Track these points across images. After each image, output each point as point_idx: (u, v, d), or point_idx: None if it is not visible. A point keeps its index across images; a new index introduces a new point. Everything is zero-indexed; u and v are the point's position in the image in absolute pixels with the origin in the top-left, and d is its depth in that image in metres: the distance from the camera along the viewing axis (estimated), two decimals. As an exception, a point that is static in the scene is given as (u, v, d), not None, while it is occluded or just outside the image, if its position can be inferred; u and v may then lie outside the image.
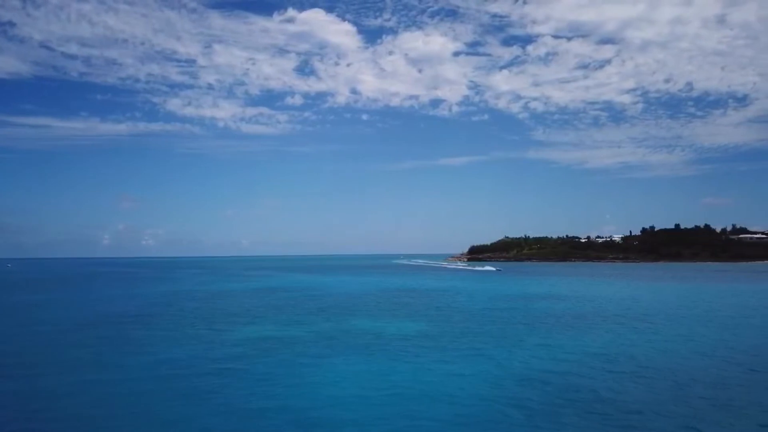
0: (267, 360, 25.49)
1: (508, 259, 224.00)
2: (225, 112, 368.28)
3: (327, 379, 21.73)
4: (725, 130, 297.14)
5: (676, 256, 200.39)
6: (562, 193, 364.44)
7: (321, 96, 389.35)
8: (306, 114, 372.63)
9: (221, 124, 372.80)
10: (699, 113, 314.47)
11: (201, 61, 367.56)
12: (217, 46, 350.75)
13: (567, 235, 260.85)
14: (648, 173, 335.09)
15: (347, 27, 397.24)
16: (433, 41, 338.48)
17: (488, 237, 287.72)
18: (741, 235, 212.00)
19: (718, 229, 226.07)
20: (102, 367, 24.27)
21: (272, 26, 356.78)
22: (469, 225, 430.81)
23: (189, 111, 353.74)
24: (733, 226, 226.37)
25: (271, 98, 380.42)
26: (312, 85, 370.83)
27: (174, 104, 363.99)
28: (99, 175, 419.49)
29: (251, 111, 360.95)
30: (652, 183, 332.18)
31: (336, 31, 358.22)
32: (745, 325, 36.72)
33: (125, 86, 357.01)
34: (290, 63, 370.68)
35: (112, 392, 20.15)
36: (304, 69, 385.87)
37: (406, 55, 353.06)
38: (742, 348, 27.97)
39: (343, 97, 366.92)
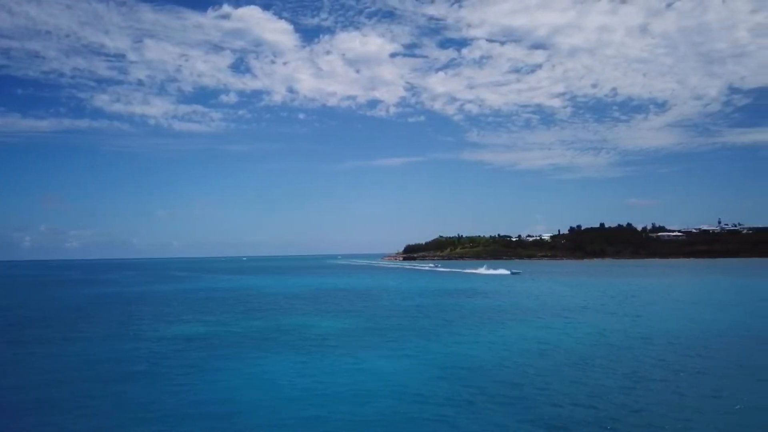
0: (186, 360, 25.09)
1: (442, 258, 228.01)
2: (156, 109, 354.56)
3: (246, 378, 21.67)
4: (647, 134, 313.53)
5: (600, 254, 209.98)
6: (495, 193, 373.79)
7: (257, 94, 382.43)
8: (241, 112, 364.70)
9: (152, 121, 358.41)
10: (623, 117, 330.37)
11: (131, 56, 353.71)
12: (148, 41, 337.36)
13: (499, 234, 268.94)
14: (576, 174, 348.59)
15: (284, 25, 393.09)
16: (371, 42, 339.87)
17: (425, 236, 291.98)
18: (659, 234, 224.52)
19: (640, 228, 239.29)
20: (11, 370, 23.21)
21: (206, 22, 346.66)
22: (407, 224, 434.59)
23: (118, 108, 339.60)
24: (653, 225, 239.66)
25: (204, 96, 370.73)
26: (247, 83, 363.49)
27: (102, 100, 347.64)
28: (19, 173, 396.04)
29: (184, 108, 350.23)
30: (580, 184, 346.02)
31: (272, 29, 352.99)
32: (647, 315, 39.21)
33: (48, 80, 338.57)
34: (225, 60, 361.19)
35: (25, 397, 19.35)
36: (240, 66, 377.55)
37: (343, 55, 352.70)
38: (641, 334, 29.90)
39: (279, 96, 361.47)
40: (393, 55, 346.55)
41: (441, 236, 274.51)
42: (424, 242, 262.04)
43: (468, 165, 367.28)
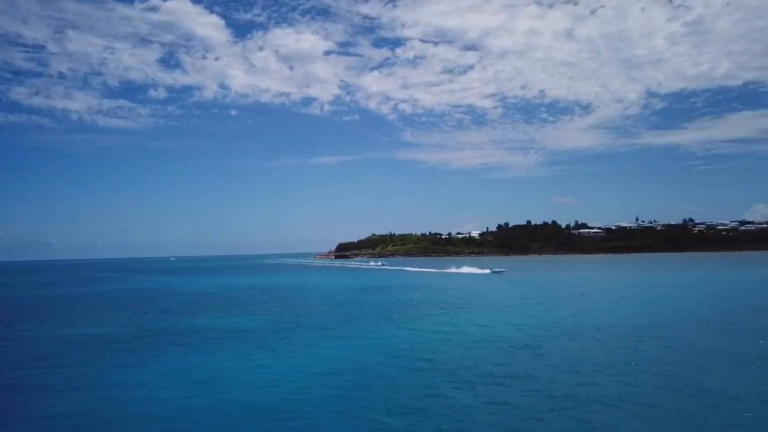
0: (66, 362, 24.10)
1: (373, 256, 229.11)
2: (79, 103, 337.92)
3: (142, 377, 21.20)
4: (572, 135, 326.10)
5: (525, 250, 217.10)
6: (428, 192, 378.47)
7: (187, 90, 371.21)
8: (170, 108, 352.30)
9: (75, 116, 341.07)
10: (550, 119, 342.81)
11: (51, 47, 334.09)
12: (70, 32, 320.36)
13: (430, 232, 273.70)
14: (506, 174, 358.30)
15: (215, 20, 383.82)
16: (305, 39, 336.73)
17: (359, 234, 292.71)
18: (581, 231, 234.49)
19: (564, 225, 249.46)
20: None
21: (134, 14, 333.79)
22: (341, 223, 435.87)
23: (37, 101, 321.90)
24: (575, 222, 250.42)
25: (131, 90, 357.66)
26: (177, 78, 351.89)
27: (19, 93, 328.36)
28: None
29: (109, 103, 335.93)
30: (509, 183, 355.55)
31: (203, 23, 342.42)
32: (548, 307, 40.89)
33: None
34: (153, 54, 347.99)
35: None
36: (169, 61, 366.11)
37: (276, 51, 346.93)
38: (541, 324, 31.15)
39: (210, 92, 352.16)
40: (327, 53, 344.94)
41: (374, 234, 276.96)
42: (356, 240, 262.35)
43: (402, 164, 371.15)
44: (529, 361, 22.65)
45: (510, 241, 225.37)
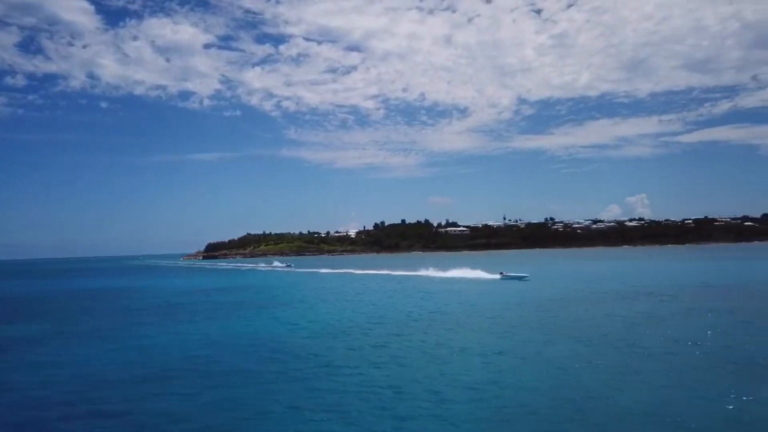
0: None
1: (245, 256, 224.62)
2: None
3: None
4: (450, 138, 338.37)
5: (395, 248, 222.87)
6: (312, 190, 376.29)
7: (50, 78, 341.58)
8: (31, 97, 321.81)
9: None
10: (430, 121, 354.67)
11: None
12: None
13: (309, 231, 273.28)
14: (388, 174, 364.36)
15: (83, 4, 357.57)
16: (183, 31, 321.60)
17: (237, 234, 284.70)
18: (448, 229, 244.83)
19: (436, 224, 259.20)
20: None
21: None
22: (220, 222, 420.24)
23: None
24: (447, 221, 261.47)
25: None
26: (39, 65, 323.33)
27: None
28: None
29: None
30: (391, 183, 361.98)
31: (70, 7, 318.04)
32: (362, 303, 42.00)
33: None
34: (11, 37, 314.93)
35: None
36: (29, 46, 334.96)
37: (152, 42, 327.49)
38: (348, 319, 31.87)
39: (78, 82, 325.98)
40: (207, 47, 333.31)
41: (249, 233, 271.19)
42: (227, 240, 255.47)
43: (286, 162, 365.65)
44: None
45: (381, 239, 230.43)
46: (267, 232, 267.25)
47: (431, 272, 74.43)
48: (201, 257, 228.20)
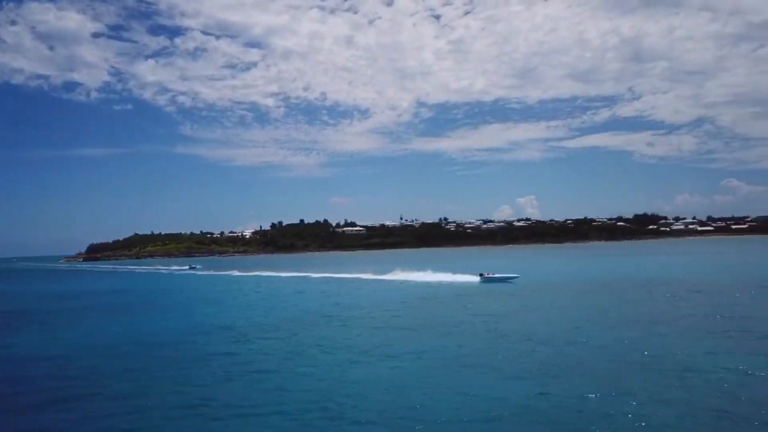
0: None
1: (129, 257, 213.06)
2: None
3: None
4: (351, 138, 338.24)
5: (290, 248, 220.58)
6: (209, 189, 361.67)
7: None
8: None
9: None
10: (331, 121, 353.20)
11: None
12: None
13: (202, 231, 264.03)
14: (289, 173, 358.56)
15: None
16: (68, 17, 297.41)
17: (123, 234, 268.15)
18: (345, 229, 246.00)
19: (335, 224, 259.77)
20: None
21: None
22: (106, 222, 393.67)
23: None
24: (345, 220, 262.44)
25: None
26: None
27: None
28: None
29: None
30: (292, 182, 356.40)
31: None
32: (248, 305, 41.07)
33: None
34: None
35: None
36: None
37: (33, 28, 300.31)
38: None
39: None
40: (96, 36, 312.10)
41: (137, 233, 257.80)
42: (111, 241, 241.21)
43: (181, 159, 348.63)
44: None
45: (276, 239, 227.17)
46: (156, 232, 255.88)
47: (401, 275, 64.70)
48: (81, 259, 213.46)
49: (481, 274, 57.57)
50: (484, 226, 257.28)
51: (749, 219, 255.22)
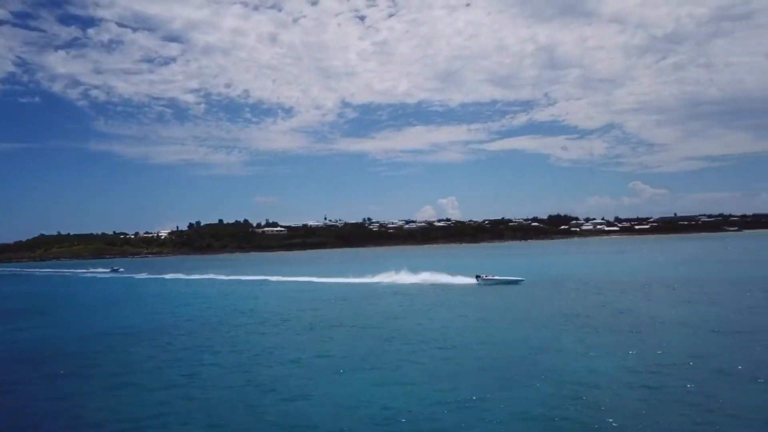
0: None
1: (33, 259, 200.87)
2: None
3: None
4: (275, 137, 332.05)
5: (207, 249, 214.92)
6: (124, 187, 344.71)
7: None
8: None
9: None
10: (255, 119, 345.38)
11: None
12: None
13: (115, 231, 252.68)
14: (210, 171, 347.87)
15: None
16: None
17: (27, 234, 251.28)
18: (266, 229, 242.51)
19: (255, 224, 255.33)
20: None
21: None
22: (8, 221, 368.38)
23: None
24: (267, 221, 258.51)
25: None
26: None
27: None
28: None
29: None
30: (213, 181, 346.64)
31: None
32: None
33: None
34: None
35: None
36: None
37: None
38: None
39: None
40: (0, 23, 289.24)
41: (43, 234, 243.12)
42: (12, 242, 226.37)
43: (94, 156, 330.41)
44: None
45: (193, 240, 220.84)
46: (65, 232, 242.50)
47: (398, 277, 59.26)
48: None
49: (477, 276, 52.40)
50: (406, 226, 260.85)
51: (652, 220, 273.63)
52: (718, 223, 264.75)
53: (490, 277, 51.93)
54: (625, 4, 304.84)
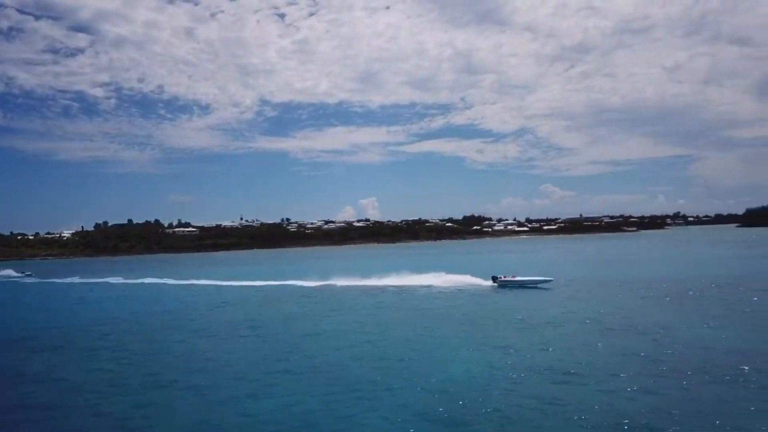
0: None
1: None
2: None
3: None
4: (191, 134, 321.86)
5: (113, 250, 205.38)
6: (25, 185, 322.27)
7: None
8: None
9: None
10: (169, 116, 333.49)
11: None
12: None
13: (12, 232, 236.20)
14: (121, 169, 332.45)
15: None
16: None
17: None
18: (177, 230, 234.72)
19: (167, 224, 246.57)
20: None
21: None
22: None
23: None
24: (179, 221, 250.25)
25: None
26: None
27: None
28: None
29: None
30: (124, 179, 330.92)
31: None
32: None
33: None
34: None
35: None
36: None
37: None
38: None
39: None
40: None
41: None
42: None
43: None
44: None
45: (98, 241, 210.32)
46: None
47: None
48: None
49: (494, 278, 45.91)
50: (326, 226, 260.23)
51: (559, 221, 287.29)
52: (619, 224, 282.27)
53: (510, 279, 45.46)
54: (537, 14, 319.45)
